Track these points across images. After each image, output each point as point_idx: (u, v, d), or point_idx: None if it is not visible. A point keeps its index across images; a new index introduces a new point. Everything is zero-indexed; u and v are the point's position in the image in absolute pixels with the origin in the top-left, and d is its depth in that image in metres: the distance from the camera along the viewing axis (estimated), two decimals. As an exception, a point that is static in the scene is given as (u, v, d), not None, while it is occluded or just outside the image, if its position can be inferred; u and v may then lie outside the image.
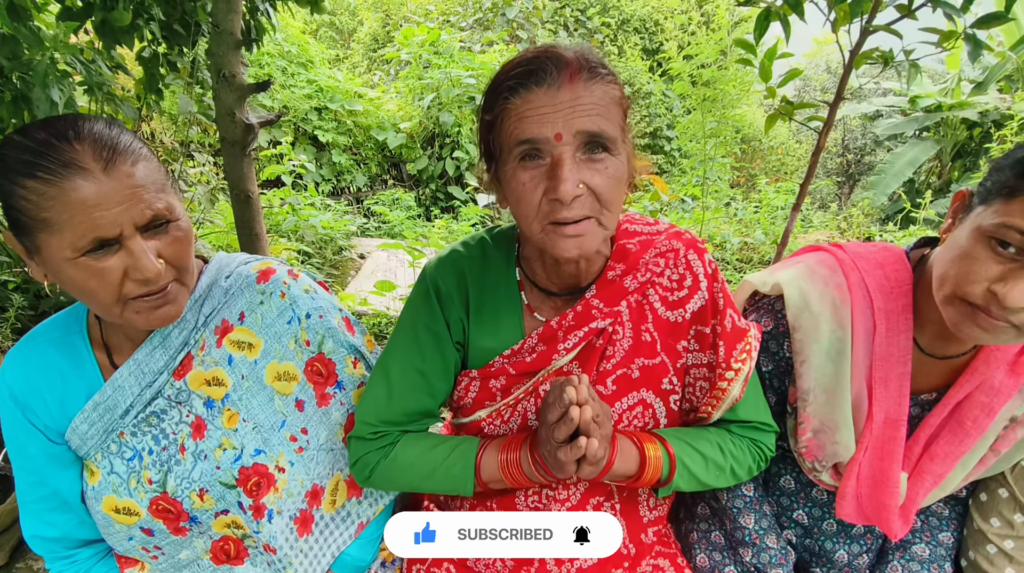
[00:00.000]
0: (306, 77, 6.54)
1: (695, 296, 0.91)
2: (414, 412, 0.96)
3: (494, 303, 0.95)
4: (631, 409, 0.94)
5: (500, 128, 0.78)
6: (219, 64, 1.74)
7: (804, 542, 1.12)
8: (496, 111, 0.78)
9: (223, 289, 0.94)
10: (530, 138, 0.74)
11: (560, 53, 0.75)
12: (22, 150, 0.70)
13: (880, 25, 1.52)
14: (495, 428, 0.98)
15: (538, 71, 0.73)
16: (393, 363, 0.95)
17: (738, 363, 0.90)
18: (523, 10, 8.12)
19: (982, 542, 1.01)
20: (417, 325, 0.95)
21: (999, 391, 0.86)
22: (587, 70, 0.75)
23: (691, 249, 0.92)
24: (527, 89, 0.74)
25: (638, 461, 0.88)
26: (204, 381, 0.92)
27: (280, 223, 4.29)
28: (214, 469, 0.90)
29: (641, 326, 0.92)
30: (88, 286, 0.75)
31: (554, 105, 0.73)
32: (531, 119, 0.73)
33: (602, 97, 0.75)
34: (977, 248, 0.75)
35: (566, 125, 0.73)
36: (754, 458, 0.97)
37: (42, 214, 0.70)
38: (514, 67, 0.77)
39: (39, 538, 0.95)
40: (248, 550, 0.98)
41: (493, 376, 0.96)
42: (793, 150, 8.92)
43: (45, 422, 0.89)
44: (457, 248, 0.97)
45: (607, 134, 0.74)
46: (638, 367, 0.92)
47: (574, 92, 0.73)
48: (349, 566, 1.05)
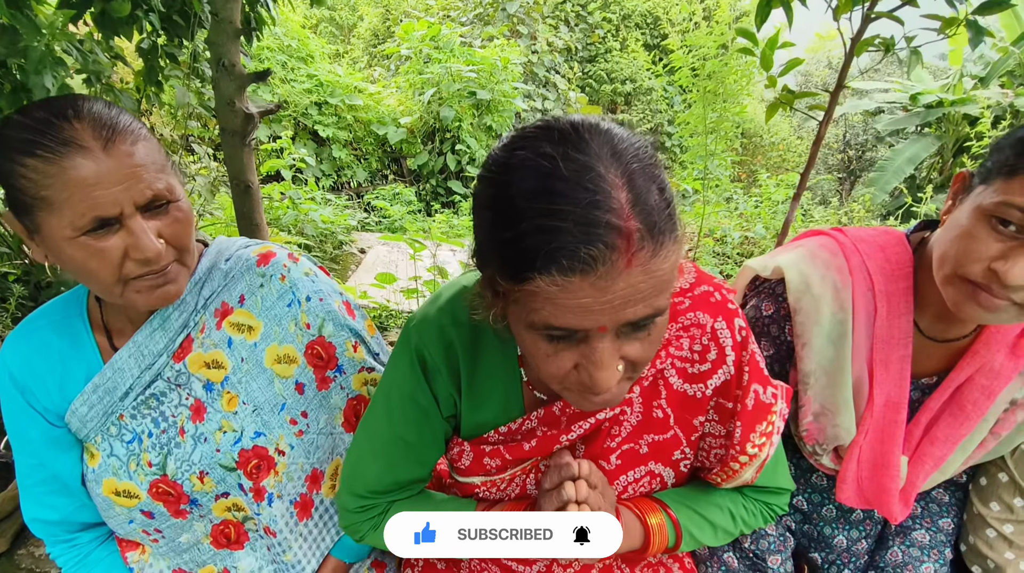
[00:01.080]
0: (306, 72, 6.54)
1: (719, 370, 0.79)
2: (404, 482, 0.88)
3: (489, 375, 0.82)
4: (637, 481, 0.87)
5: (517, 296, 0.57)
6: (219, 53, 1.74)
7: (803, 528, 1.12)
8: (509, 271, 0.56)
9: (223, 272, 0.94)
10: (565, 327, 0.56)
11: (615, 221, 0.50)
12: (22, 129, 0.70)
13: (882, 12, 1.52)
14: (491, 494, 0.91)
15: (584, 256, 0.50)
16: (377, 432, 0.87)
17: (755, 448, 0.80)
18: (523, 5, 8.10)
19: (981, 526, 1.02)
20: (403, 395, 0.83)
21: (999, 374, 0.86)
22: (650, 242, 0.52)
23: (719, 317, 0.78)
24: (566, 278, 0.51)
25: (642, 534, 0.82)
26: (204, 363, 0.92)
27: (280, 217, 4.29)
28: (214, 452, 0.90)
29: (653, 402, 0.82)
30: (88, 266, 0.74)
31: (603, 298, 0.53)
32: (568, 309, 0.54)
33: (666, 271, 0.54)
34: (977, 227, 0.74)
35: (614, 318, 0.54)
36: (764, 520, 0.93)
37: (42, 192, 0.70)
38: (538, 222, 0.52)
39: (39, 521, 0.95)
40: (248, 534, 0.98)
41: (487, 455, 0.85)
42: (794, 145, 8.91)
43: (45, 405, 0.89)
44: (443, 309, 0.80)
45: (662, 310, 0.57)
46: (647, 443, 0.84)
47: (630, 280, 0.52)
48: (349, 552, 1.05)
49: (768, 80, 1.86)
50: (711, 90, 3.83)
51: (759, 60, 1.78)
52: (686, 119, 4.23)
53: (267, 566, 1.00)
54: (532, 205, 0.52)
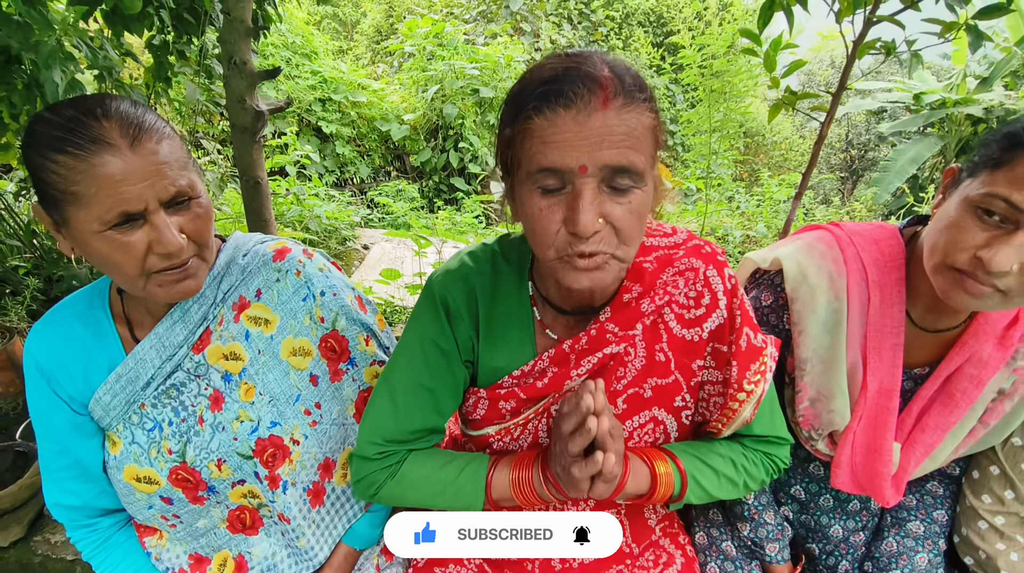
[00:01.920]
0: (310, 68, 6.55)
1: (713, 314, 0.87)
2: (421, 430, 0.92)
3: (505, 320, 0.90)
4: (642, 427, 0.92)
5: (520, 146, 0.71)
6: (230, 51, 1.76)
7: (801, 518, 1.15)
8: (517, 127, 0.70)
9: (240, 267, 0.97)
10: (552, 167, 0.67)
11: (593, 71, 0.67)
12: (53, 126, 0.73)
13: (884, 15, 1.54)
14: (504, 444, 0.95)
15: (567, 91, 0.65)
16: (398, 380, 0.91)
17: (751, 385, 0.85)
18: (527, 2, 8.10)
19: (974, 518, 1.05)
20: (425, 341, 0.90)
21: (987, 363, 0.89)
22: (622, 94, 0.66)
23: (711, 265, 0.87)
24: (553, 110, 0.66)
25: (649, 479, 0.86)
26: (222, 355, 0.95)
27: (284, 213, 4.32)
28: (231, 440, 0.93)
29: (655, 346, 0.88)
30: (113, 258, 0.77)
31: (582, 133, 0.65)
32: (555, 145, 0.66)
33: (636, 126, 0.67)
34: (964, 218, 0.78)
35: (592, 157, 0.66)
36: (767, 472, 0.96)
37: (71, 187, 0.73)
38: (541, 81, 0.68)
39: (61, 506, 0.98)
40: (263, 520, 1.01)
41: (502, 398, 0.91)
42: (797, 145, 8.91)
43: (69, 393, 0.92)
44: (466, 261, 0.91)
45: (636, 167, 0.68)
46: (650, 386, 0.90)
47: (605, 120, 0.65)
48: (360, 539, 1.08)
49: (772, 81, 1.88)
50: (717, 89, 3.83)
51: (762, 61, 1.80)
52: (690, 118, 4.24)
53: (281, 551, 1.03)
54: (539, 75, 0.69)
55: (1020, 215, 0.73)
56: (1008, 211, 0.74)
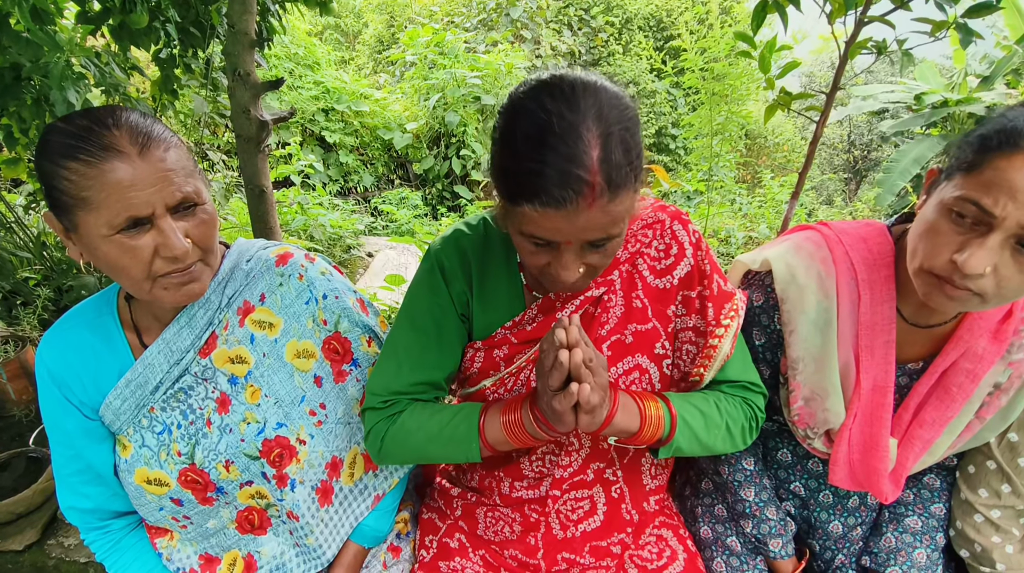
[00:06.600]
0: (313, 79, 6.63)
1: (681, 263, 0.96)
2: (422, 382, 0.99)
3: (495, 281, 1.00)
4: (627, 374, 0.98)
5: (510, 207, 0.76)
6: (235, 63, 1.80)
7: (801, 513, 1.16)
8: (506, 194, 0.76)
9: (244, 272, 0.99)
10: (541, 238, 0.76)
11: (583, 174, 0.69)
12: (65, 135, 0.76)
13: (875, 16, 1.56)
14: (499, 396, 1.01)
15: (558, 196, 0.69)
16: (401, 337, 1.00)
17: (727, 320, 0.95)
18: (527, 10, 8.17)
19: (970, 512, 1.05)
20: (423, 299, 1.00)
21: (983, 357, 0.90)
22: (608, 192, 0.70)
23: (675, 220, 0.97)
24: (543, 207, 0.71)
25: (638, 416, 0.89)
26: (228, 359, 0.97)
27: (289, 222, 4.36)
28: (239, 441, 0.96)
29: (632, 294, 0.98)
30: (121, 262, 0.80)
31: (568, 227, 0.73)
32: (544, 229, 0.74)
33: (620, 211, 0.74)
34: (940, 221, 0.79)
35: (577, 237, 0.75)
36: (746, 416, 1.00)
37: (82, 193, 0.76)
38: (530, 172, 0.71)
39: (75, 510, 1.00)
40: (271, 520, 1.03)
41: (496, 346, 1.01)
42: (799, 146, 8.90)
43: (81, 398, 0.94)
44: (460, 228, 1.01)
45: (616, 234, 0.77)
46: (631, 333, 0.97)
47: (590, 216, 0.72)
48: (367, 536, 1.10)
49: (767, 82, 1.90)
50: (719, 92, 3.85)
51: (757, 64, 1.82)
52: (691, 121, 4.25)
53: (289, 550, 1.05)
54: (528, 150, 0.71)
55: (991, 219, 0.74)
56: (979, 215, 0.74)
